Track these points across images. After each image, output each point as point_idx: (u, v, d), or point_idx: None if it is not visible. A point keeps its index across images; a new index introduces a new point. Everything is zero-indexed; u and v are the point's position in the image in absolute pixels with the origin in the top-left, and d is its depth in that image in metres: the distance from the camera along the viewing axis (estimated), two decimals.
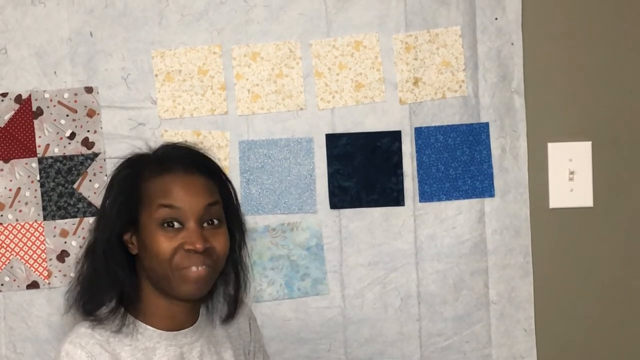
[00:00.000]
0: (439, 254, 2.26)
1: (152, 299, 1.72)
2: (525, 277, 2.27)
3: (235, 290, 1.82)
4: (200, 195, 1.68)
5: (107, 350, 1.67)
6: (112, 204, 1.71)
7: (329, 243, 2.25)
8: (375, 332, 2.26)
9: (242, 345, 1.88)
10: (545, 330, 2.28)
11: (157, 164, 1.70)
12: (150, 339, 1.71)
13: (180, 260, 1.65)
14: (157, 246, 1.65)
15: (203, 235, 1.66)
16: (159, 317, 1.72)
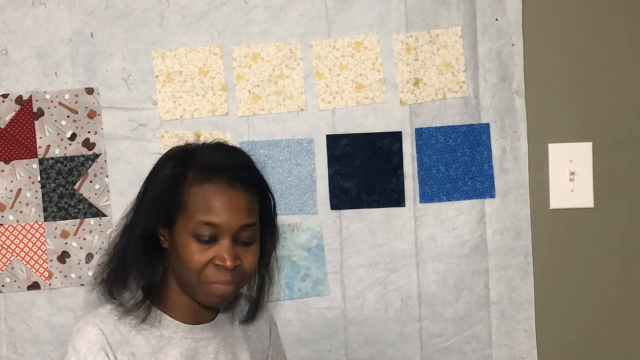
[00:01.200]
0: (440, 254, 2.27)
1: (175, 293, 1.73)
2: (525, 277, 2.27)
3: (258, 294, 1.83)
4: (239, 214, 1.68)
5: (121, 332, 1.68)
6: (153, 198, 1.72)
7: (330, 244, 2.26)
8: (376, 332, 2.27)
9: (260, 349, 1.88)
10: (546, 331, 2.28)
11: (203, 169, 1.69)
12: (167, 328, 1.73)
13: (209, 273, 1.67)
14: (189, 256, 1.67)
15: (235, 253, 1.67)
16: (179, 310, 1.74)
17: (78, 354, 1.65)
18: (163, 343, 1.72)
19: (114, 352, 1.67)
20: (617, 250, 2.29)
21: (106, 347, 1.67)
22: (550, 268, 2.28)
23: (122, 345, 1.69)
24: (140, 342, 1.71)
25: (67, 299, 2.20)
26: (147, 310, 1.72)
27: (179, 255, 1.68)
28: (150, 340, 1.71)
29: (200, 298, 1.70)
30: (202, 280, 1.67)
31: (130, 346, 1.70)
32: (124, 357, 1.68)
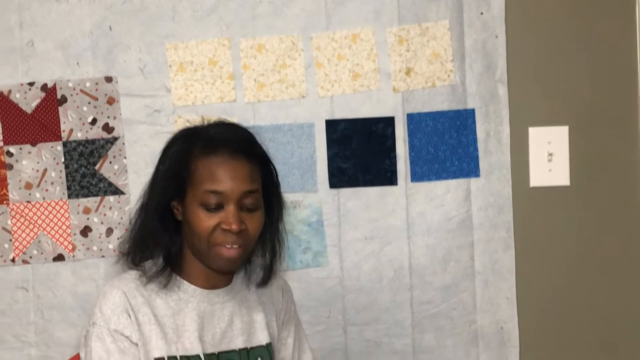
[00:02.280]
0: (429, 229, 2.32)
1: (191, 261, 1.77)
2: (507, 250, 2.33)
3: (270, 259, 1.86)
4: (242, 181, 1.71)
5: (142, 294, 1.74)
6: (164, 174, 1.76)
7: (329, 219, 2.32)
8: (371, 300, 2.33)
9: (274, 313, 1.90)
10: (526, 298, 2.34)
11: (207, 144, 1.73)
12: (185, 292, 1.77)
13: (217, 237, 1.71)
14: (198, 223, 1.71)
15: (240, 218, 1.70)
16: (196, 276, 1.78)
17: (103, 315, 1.71)
18: (181, 305, 1.76)
19: (136, 314, 1.72)
20: (591, 224, 2.35)
21: (128, 309, 1.72)
22: (530, 241, 2.33)
23: (144, 307, 1.74)
24: (160, 305, 1.75)
25: (89, 270, 2.27)
26: (168, 276, 1.76)
27: (190, 224, 1.72)
28: (169, 303, 1.76)
29: (210, 263, 1.74)
30: (211, 244, 1.70)
31: (151, 308, 1.74)
32: (145, 318, 1.73)
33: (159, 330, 1.74)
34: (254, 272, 1.88)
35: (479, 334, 2.35)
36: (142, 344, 1.72)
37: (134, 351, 1.71)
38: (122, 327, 1.71)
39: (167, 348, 1.73)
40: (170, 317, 1.75)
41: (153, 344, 1.73)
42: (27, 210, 2.29)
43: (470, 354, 2.36)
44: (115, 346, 1.70)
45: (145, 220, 1.79)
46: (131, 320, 1.72)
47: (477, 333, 2.36)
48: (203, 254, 1.74)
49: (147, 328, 1.73)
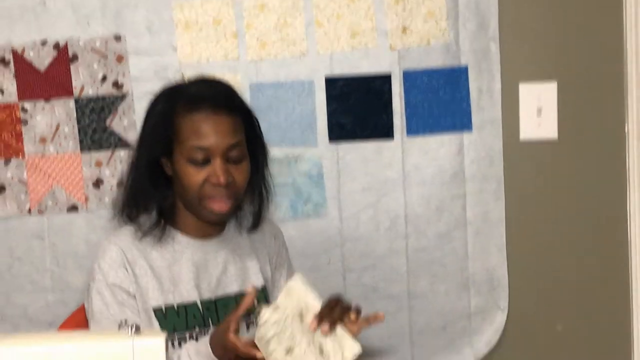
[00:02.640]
0: (424, 181, 2.36)
1: (184, 213, 1.82)
2: (498, 200, 2.37)
3: (259, 206, 1.89)
4: (226, 135, 1.73)
5: (138, 248, 1.78)
6: (151, 133, 1.80)
7: (328, 172, 2.36)
8: (369, 248, 2.38)
9: (267, 258, 1.93)
10: (515, 246, 2.39)
11: (189, 101, 1.75)
12: (180, 243, 1.81)
13: (207, 191, 1.74)
14: (187, 178, 1.74)
15: (227, 170, 1.73)
16: (189, 227, 1.82)
17: (102, 270, 1.75)
18: (176, 257, 1.80)
19: (132, 267, 1.76)
20: (577, 175, 2.39)
21: (125, 263, 1.76)
22: (519, 192, 2.38)
23: (140, 260, 1.77)
24: (156, 257, 1.79)
25: (101, 220, 2.29)
26: (162, 229, 1.80)
27: (180, 180, 1.76)
28: (164, 255, 1.80)
29: (202, 215, 1.78)
30: (201, 197, 1.74)
31: (147, 261, 1.78)
32: (142, 270, 1.77)
33: (155, 282, 1.77)
34: (245, 219, 1.90)
35: (471, 280, 2.40)
36: (139, 295, 1.76)
37: (132, 303, 1.76)
38: (119, 280, 1.75)
39: (163, 298, 1.77)
40: (166, 269, 1.79)
41: (150, 294, 1.77)
42: (41, 164, 2.34)
43: (462, 299, 2.41)
44: (114, 299, 1.75)
45: (136, 177, 1.82)
46: (128, 273, 1.76)
47: (469, 279, 2.40)
48: (194, 207, 1.77)
49: (144, 280, 1.77)
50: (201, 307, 1.80)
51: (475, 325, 2.44)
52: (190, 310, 1.79)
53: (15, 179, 2.36)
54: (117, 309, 1.74)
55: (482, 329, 2.44)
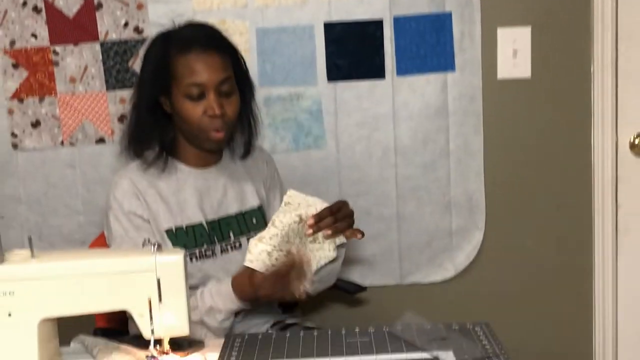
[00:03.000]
0: (411, 115, 2.39)
1: (185, 145, 1.86)
2: (477, 133, 2.40)
3: (248, 135, 1.93)
4: (217, 71, 1.76)
5: (146, 179, 1.83)
6: (149, 75, 1.83)
7: (327, 108, 2.38)
8: (362, 175, 2.42)
9: (261, 182, 1.97)
10: (491, 174, 2.43)
11: (181, 44, 1.78)
12: (183, 173, 1.86)
13: (205, 123, 1.78)
14: (187, 113, 1.78)
15: (220, 102, 1.77)
16: (190, 158, 1.87)
17: (117, 200, 1.81)
18: (181, 184, 1.85)
19: (144, 195, 1.81)
20: (547, 109, 2.40)
21: (137, 193, 1.81)
22: (496, 125, 2.41)
23: (149, 189, 1.82)
24: (163, 186, 1.84)
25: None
26: (165, 161, 1.84)
27: (180, 115, 1.80)
28: (170, 184, 1.85)
29: (202, 145, 1.82)
30: (200, 129, 1.78)
31: (155, 189, 1.83)
32: (152, 198, 1.82)
33: (164, 207, 1.83)
34: (237, 148, 1.94)
35: (452, 203, 2.44)
36: (152, 219, 1.82)
37: (147, 226, 1.81)
38: (134, 208, 1.80)
39: (173, 220, 1.83)
40: (172, 195, 1.84)
41: (161, 218, 1.82)
42: (72, 101, 2.38)
43: (444, 220, 2.46)
44: (131, 224, 1.80)
45: (138, 116, 1.86)
46: (140, 201, 1.81)
47: (451, 202, 2.44)
48: (195, 138, 1.82)
49: (155, 206, 1.82)
50: (206, 227, 1.85)
51: (455, 242, 2.49)
52: (197, 230, 1.84)
53: (49, 115, 2.39)
54: (134, 233, 1.79)
55: (461, 245, 2.49)
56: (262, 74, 2.37)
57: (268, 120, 2.38)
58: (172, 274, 1.43)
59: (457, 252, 2.49)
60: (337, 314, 2.56)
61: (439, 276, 2.50)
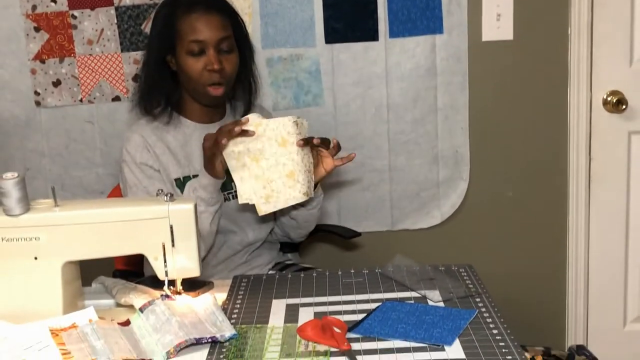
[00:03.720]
0: (403, 75, 2.38)
1: (190, 102, 1.86)
2: (463, 91, 2.40)
3: (248, 94, 1.93)
4: (217, 30, 1.76)
5: (155, 134, 1.83)
6: (157, 34, 1.83)
7: (325, 68, 2.38)
8: (357, 131, 2.42)
9: None
10: (476, 129, 2.43)
11: (187, 5, 1.78)
12: (189, 127, 1.86)
13: (205, 78, 1.77)
14: (189, 67, 1.77)
15: (218, 59, 1.76)
16: (195, 114, 1.87)
17: (129, 153, 1.81)
18: (187, 138, 1.85)
19: (153, 148, 1.81)
20: (528, 69, 2.40)
21: (147, 146, 1.81)
22: (480, 84, 2.40)
23: (159, 143, 1.82)
24: (170, 140, 1.84)
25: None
26: (170, 114, 1.84)
27: (183, 71, 1.79)
28: (177, 137, 1.85)
29: (202, 99, 1.82)
30: (202, 84, 1.78)
31: (164, 143, 1.83)
32: (161, 150, 1.82)
33: (172, 158, 1.83)
34: (239, 106, 1.94)
35: (440, 155, 2.45)
36: (163, 169, 1.82)
37: (158, 176, 1.81)
38: (145, 159, 1.80)
39: (181, 170, 1.83)
40: (180, 148, 1.84)
41: (171, 168, 1.82)
42: (89, 62, 2.37)
43: (432, 171, 2.47)
44: (144, 175, 1.80)
45: (148, 74, 1.86)
46: (151, 154, 1.81)
47: (438, 155, 2.45)
48: (196, 93, 1.81)
49: (164, 158, 1.82)
50: None
51: (442, 192, 2.50)
52: None
53: (69, 75, 2.39)
54: (147, 181, 1.80)
55: (447, 195, 2.50)
56: (264, 36, 2.35)
57: (270, 79, 2.37)
58: (184, 221, 1.44)
59: (444, 200, 2.50)
60: (334, 256, 2.57)
61: (427, 223, 2.52)
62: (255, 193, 1.63)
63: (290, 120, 1.61)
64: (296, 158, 1.61)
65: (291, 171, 1.61)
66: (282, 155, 1.61)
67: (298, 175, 1.62)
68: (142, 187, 1.80)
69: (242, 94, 1.94)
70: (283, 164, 1.61)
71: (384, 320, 1.40)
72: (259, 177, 1.62)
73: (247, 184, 1.63)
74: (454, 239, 2.53)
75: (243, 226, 1.93)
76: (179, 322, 1.36)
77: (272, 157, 1.61)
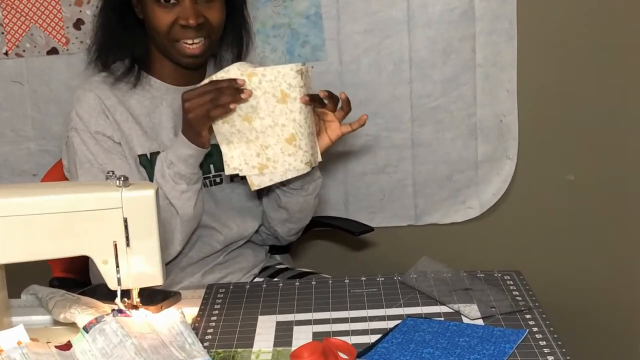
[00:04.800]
0: (430, 21, 2.39)
1: (159, 58, 1.86)
2: (509, 41, 2.39)
3: (238, 51, 1.93)
4: None
5: (115, 95, 1.83)
6: None
7: (328, 12, 2.38)
8: (370, 94, 2.43)
9: None
10: (526, 91, 2.43)
11: None
12: (158, 90, 1.87)
13: (177, 33, 1.77)
14: (155, 19, 1.77)
15: (197, 10, 1.76)
16: (166, 74, 1.87)
17: (81, 119, 1.81)
18: (156, 103, 1.86)
19: (113, 114, 1.82)
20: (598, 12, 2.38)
21: (105, 110, 1.81)
22: (532, 32, 2.39)
23: (119, 107, 1.83)
24: (134, 104, 1.85)
25: (84, 64, 2.18)
26: (137, 75, 1.85)
27: (149, 22, 1.79)
28: (143, 102, 1.85)
29: (175, 58, 1.82)
30: (172, 40, 1.78)
31: (126, 107, 1.84)
32: (123, 116, 1.82)
33: (138, 128, 1.83)
34: (225, 64, 1.90)
35: (478, 126, 2.46)
36: (125, 142, 1.82)
37: (119, 149, 1.82)
38: (102, 127, 1.81)
39: (148, 145, 1.83)
40: (146, 116, 1.85)
41: (135, 141, 1.83)
42: (18, 2, 2.37)
43: (468, 147, 2.48)
44: (100, 147, 1.81)
45: (106, 20, 1.86)
46: (109, 120, 1.81)
47: (476, 126, 2.46)
48: (166, 50, 1.82)
49: (127, 126, 1.83)
50: None
51: (482, 175, 2.51)
52: None
53: None
54: (104, 157, 1.80)
55: (489, 178, 2.52)
56: None
57: (256, 26, 2.37)
58: (143, 212, 1.44)
59: (484, 186, 2.52)
60: (339, 259, 2.59)
61: (462, 216, 2.55)
62: (246, 162, 1.65)
63: (292, 70, 1.62)
64: (298, 118, 1.63)
65: (292, 135, 1.63)
66: (281, 114, 1.63)
67: (300, 140, 1.64)
68: (97, 164, 1.80)
69: (228, 49, 1.94)
70: (282, 126, 1.63)
71: (405, 343, 1.40)
72: (251, 141, 1.64)
73: (236, 150, 1.65)
74: (496, 237, 2.54)
75: (224, 219, 1.93)
76: (135, 346, 1.36)
77: (269, 116, 1.63)
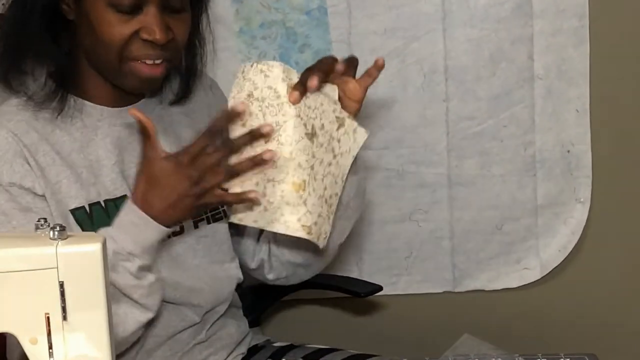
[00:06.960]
0: (472, 17, 2.41)
1: (90, 75, 1.83)
2: (580, 45, 2.41)
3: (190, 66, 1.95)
4: None
5: (36, 129, 1.78)
6: None
7: (335, 5, 2.41)
8: (392, 115, 2.46)
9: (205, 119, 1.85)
10: (602, 112, 2.44)
11: None
12: (90, 116, 1.84)
13: (135, 50, 1.74)
14: (107, 30, 1.73)
15: (165, 22, 1.75)
16: (100, 93, 1.84)
17: None
18: (89, 135, 1.83)
19: (34, 155, 1.76)
20: None
21: (23, 151, 1.76)
22: (612, 33, 2.41)
23: (42, 145, 1.78)
24: (62, 138, 1.80)
25: None
26: (63, 99, 1.80)
27: (93, 30, 1.74)
28: (73, 133, 1.82)
29: (122, 82, 1.80)
30: (126, 58, 1.75)
31: (51, 145, 1.79)
32: (47, 158, 1.77)
33: (69, 172, 1.80)
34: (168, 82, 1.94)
35: (538, 159, 2.49)
36: (50, 193, 1.77)
37: (42, 205, 1.77)
38: (18, 177, 1.75)
39: (85, 194, 1.80)
40: (78, 152, 1.81)
41: (65, 190, 1.79)
42: None
43: (524, 186, 2.51)
44: (15, 204, 1.75)
45: (22, 18, 1.80)
46: (30, 165, 1.76)
47: (535, 158, 2.49)
48: (111, 70, 1.79)
49: (53, 171, 1.78)
50: None
51: (543, 224, 2.53)
52: (121, 205, 1.77)
53: None
54: (22, 217, 1.76)
55: (553, 229, 2.53)
56: None
57: (239, 24, 2.41)
58: (84, 274, 1.43)
59: (546, 239, 2.53)
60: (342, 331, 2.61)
61: (517, 279, 2.56)
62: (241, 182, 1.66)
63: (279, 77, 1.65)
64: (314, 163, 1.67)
65: (303, 181, 1.65)
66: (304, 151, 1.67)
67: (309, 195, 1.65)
68: (10, 227, 1.77)
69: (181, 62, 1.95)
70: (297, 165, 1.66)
71: None
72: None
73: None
74: (564, 308, 2.55)
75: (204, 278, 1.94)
76: None
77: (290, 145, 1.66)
